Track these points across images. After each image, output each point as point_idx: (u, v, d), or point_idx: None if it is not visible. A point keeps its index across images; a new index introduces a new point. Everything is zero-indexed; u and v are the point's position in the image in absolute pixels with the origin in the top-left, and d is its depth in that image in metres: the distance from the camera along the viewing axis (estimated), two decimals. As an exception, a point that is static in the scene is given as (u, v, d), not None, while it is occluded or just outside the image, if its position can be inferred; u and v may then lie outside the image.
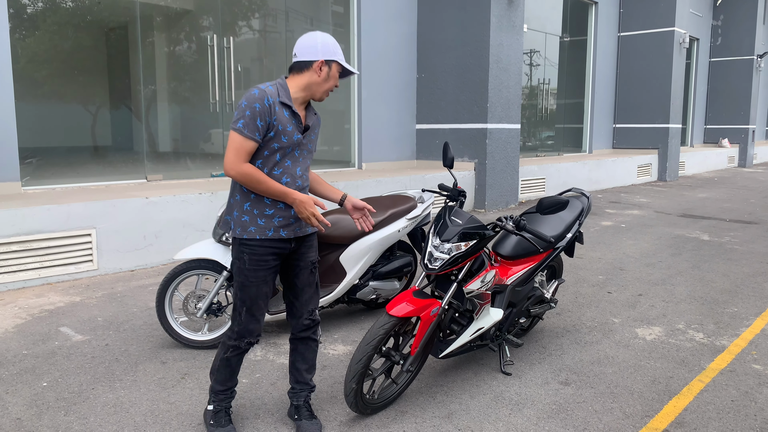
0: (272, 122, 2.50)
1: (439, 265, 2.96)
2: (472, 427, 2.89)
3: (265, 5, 8.41)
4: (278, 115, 2.51)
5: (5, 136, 5.92)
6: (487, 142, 9.42)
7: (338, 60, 2.60)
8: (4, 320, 4.28)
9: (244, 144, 2.47)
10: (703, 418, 3.00)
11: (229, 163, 2.48)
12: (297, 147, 2.62)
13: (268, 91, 2.49)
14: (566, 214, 3.80)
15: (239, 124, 2.46)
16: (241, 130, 2.46)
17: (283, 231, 2.63)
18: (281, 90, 2.55)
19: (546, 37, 12.83)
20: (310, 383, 2.89)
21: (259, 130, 2.48)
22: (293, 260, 2.76)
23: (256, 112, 2.46)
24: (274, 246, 2.63)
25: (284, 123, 2.53)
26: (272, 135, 2.52)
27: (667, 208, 10.10)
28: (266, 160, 2.56)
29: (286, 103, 2.54)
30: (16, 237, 4.99)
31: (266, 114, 2.47)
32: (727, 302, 4.88)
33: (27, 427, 2.83)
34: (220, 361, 2.73)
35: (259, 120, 2.46)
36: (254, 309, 2.66)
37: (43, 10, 6.42)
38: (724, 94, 19.30)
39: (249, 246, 2.60)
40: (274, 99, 2.50)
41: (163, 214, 5.89)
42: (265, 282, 2.64)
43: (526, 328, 4.00)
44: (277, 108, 2.51)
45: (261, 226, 2.59)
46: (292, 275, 2.77)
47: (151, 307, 4.60)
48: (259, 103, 2.46)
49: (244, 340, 2.69)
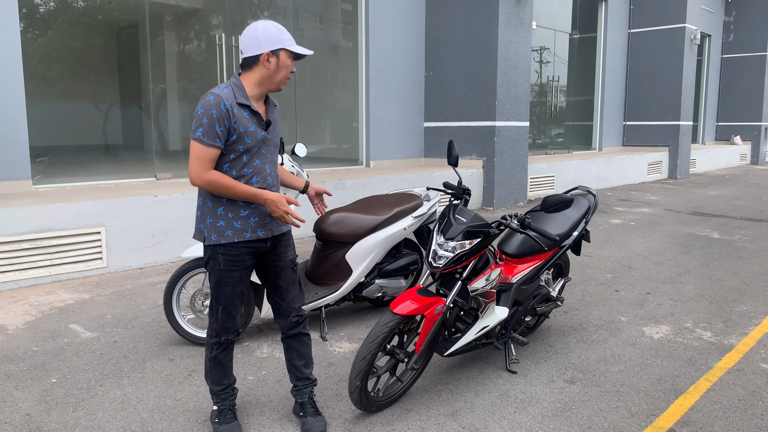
0: (232, 126, 2.46)
1: (443, 263, 2.96)
2: (476, 425, 2.89)
3: (274, 4, 8.44)
4: (237, 117, 2.47)
5: (17, 135, 5.99)
6: (496, 139, 9.39)
7: (284, 47, 2.52)
8: (14, 317, 4.34)
9: (205, 152, 2.44)
10: (710, 417, 2.99)
11: (194, 173, 2.46)
12: (263, 144, 2.59)
13: (223, 94, 2.45)
14: (572, 212, 3.79)
15: (198, 133, 2.43)
16: (201, 139, 2.43)
17: (260, 231, 2.62)
18: (237, 90, 2.50)
19: (555, 34, 12.77)
20: (311, 377, 2.91)
21: (219, 136, 2.44)
22: (272, 261, 2.75)
23: (213, 119, 2.42)
24: (250, 246, 2.62)
25: (245, 124, 2.49)
26: (235, 138, 2.48)
27: (677, 206, 10.03)
28: (234, 163, 2.53)
29: (244, 103, 2.50)
30: (27, 235, 5.05)
31: (224, 119, 2.43)
32: (736, 301, 4.84)
33: (36, 422, 2.87)
34: (208, 361, 2.75)
35: (218, 126, 2.43)
36: (230, 308, 2.66)
37: (54, 9, 6.48)
38: (737, 90, 19.12)
39: (225, 247, 2.58)
40: (230, 102, 2.46)
41: (172, 212, 5.93)
42: (240, 281, 2.65)
43: (532, 326, 3.99)
44: (235, 110, 2.46)
45: (238, 229, 2.57)
46: (275, 276, 2.76)
47: (159, 305, 4.64)
48: (216, 108, 2.42)
49: (222, 337, 2.70)
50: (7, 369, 3.46)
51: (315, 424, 2.79)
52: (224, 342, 2.71)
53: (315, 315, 4.43)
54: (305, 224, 7.23)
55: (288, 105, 8.77)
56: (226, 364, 2.76)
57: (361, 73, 9.57)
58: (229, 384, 2.80)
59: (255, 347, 3.82)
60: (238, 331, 2.75)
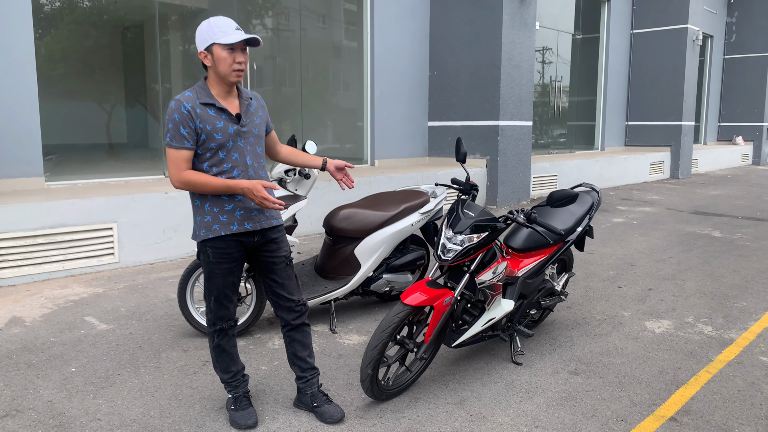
0: (198, 125, 2.56)
1: (452, 256, 3.06)
2: (483, 413, 2.99)
3: (279, 3, 8.54)
4: (202, 117, 2.56)
5: (29, 133, 6.10)
6: (499, 139, 9.49)
7: (215, 41, 2.53)
8: (32, 310, 4.44)
9: (177, 155, 2.56)
10: (710, 406, 3.08)
11: (171, 176, 2.59)
12: (238, 137, 2.65)
13: (183, 98, 2.56)
14: (577, 208, 3.89)
15: (167, 138, 2.57)
16: (170, 143, 2.56)
17: (247, 224, 2.69)
18: (201, 92, 2.60)
19: (558, 34, 12.85)
20: (315, 366, 3.01)
21: (185, 138, 2.55)
22: (266, 259, 2.81)
23: (177, 122, 2.53)
24: (237, 239, 2.69)
25: (211, 121, 2.58)
26: (204, 137, 2.58)
27: (679, 206, 10.12)
28: (212, 160, 2.62)
29: (208, 102, 2.59)
30: (42, 230, 5.15)
31: (187, 120, 2.54)
32: (737, 297, 4.93)
33: (59, 408, 2.97)
34: (213, 351, 2.85)
35: (182, 128, 2.54)
36: (221, 298, 2.75)
37: (60, 9, 6.58)
38: (739, 91, 19.19)
39: (213, 241, 2.67)
40: (192, 104, 2.56)
41: (182, 209, 6.03)
42: (230, 273, 2.72)
43: (537, 320, 4.09)
44: (198, 110, 2.56)
45: (224, 222, 2.65)
46: (270, 272, 2.82)
47: (171, 299, 4.74)
48: (177, 113, 2.54)
49: (218, 326, 2.79)
50: (27, 359, 3.56)
51: (335, 410, 2.88)
52: (221, 330, 2.80)
53: (324, 308, 4.53)
54: (314, 220, 7.33)
55: (293, 105, 8.87)
56: (230, 350, 2.85)
57: (365, 72, 9.67)
58: (238, 371, 2.89)
59: (267, 339, 3.92)
60: (232, 318, 2.82)
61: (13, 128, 6.01)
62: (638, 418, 2.95)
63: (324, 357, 3.65)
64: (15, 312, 4.39)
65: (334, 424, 2.85)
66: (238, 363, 2.90)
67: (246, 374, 2.96)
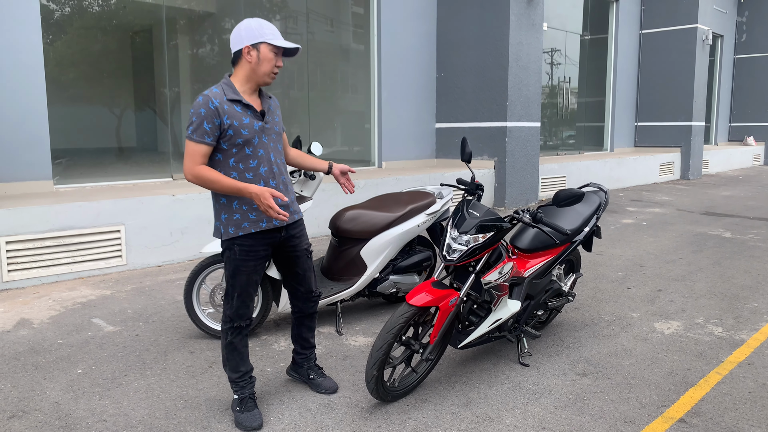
0: (224, 121, 2.60)
1: (457, 256, 3.04)
2: (490, 414, 2.96)
3: (286, 7, 8.56)
4: (229, 113, 2.61)
5: (38, 137, 6.14)
6: (507, 140, 9.45)
7: (265, 40, 2.62)
8: (39, 312, 4.47)
9: (196, 148, 2.59)
10: (720, 408, 3.04)
11: (186, 168, 2.61)
12: (263, 133, 2.73)
13: (211, 93, 2.60)
14: (584, 208, 3.86)
15: (189, 131, 2.60)
16: (191, 137, 2.59)
17: (275, 220, 2.75)
18: (227, 88, 2.65)
19: (566, 35, 12.80)
20: (314, 345, 3.25)
21: (208, 133, 2.58)
22: (289, 251, 2.92)
23: (202, 117, 2.57)
24: (266, 237, 2.77)
25: (238, 117, 2.63)
26: (231, 133, 2.62)
27: (690, 206, 10.03)
28: (237, 156, 2.67)
29: (235, 98, 2.64)
30: (50, 233, 5.19)
31: (213, 116, 2.57)
32: (748, 298, 4.87)
33: (65, 410, 2.98)
34: (225, 348, 2.87)
35: (206, 123, 2.57)
36: (244, 295, 2.79)
37: (70, 14, 6.63)
38: (750, 91, 19.02)
39: (241, 239, 2.72)
40: (219, 99, 2.60)
41: (189, 211, 6.05)
42: (255, 271, 2.78)
43: (544, 321, 4.06)
44: (225, 107, 2.60)
45: (254, 220, 2.71)
46: (293, 265, 2.96)
47: (178, 301, 4.75)
48: (204, 108, 2.57)
49: (236, 323, 2.83)
50: (34, 360, 3.58)
51: (329, 383, 3.15)
52: (237, 327, 2.84)
53: (330, 310, 4.52)
54: (321, 222, 7.33)
55: (301, 107, 8.89)
56: (242, 350, 2.88)
57: (373, 75, 9.68)
58: (246, 371, 2.90)
59: (273, 341, 3.92)
60: (250, 317, 2.88)
61: (23, 132, 6.06)
62: (647, 420, 2.92)
63: (330, 358, 3.64)
64: (23, 314, 4.42)
65: (328, 395, 3.11)
66: (248, 364, 2.92)
67: (253, 376, 2.97)
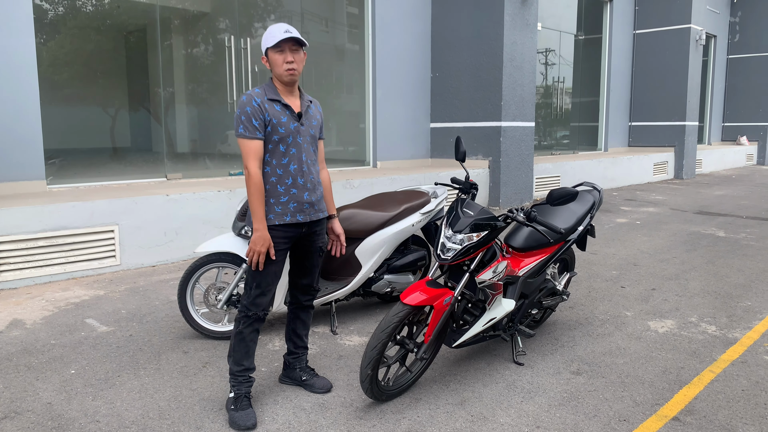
0: (266, 118, 2.80)
1: (451, 255, 3.04)
2: (484, 413, 2.96)
3: (281, 6, 8.55)
4: (270, 111, 2.81)
5: (31, 137, 6.11)
6: (501, 140, 9.46)
7: (267, 46, 2.81)
8: (32, 312, 4.44)
9: (251, 144, 2.78)
10: (713, 406, 3.05)
11: (249, 167, 2.78)
12: (298, 134, 2.89)
13: (254, 93, 2.81)
14: (578, 207, 3.86)
15: (240, 130, 2.79)
16: (244, 134, 2.78)
17: (299, 216, 2.91)
18: (268, 89, 2.85)
19: (561, 35, 12.83)
20: (307, 346, 3.27)
21: (257, 129, 2.78)
22: (305, 245, 3.05)
23: (249, 114, 2.76)
24: (288, 231, 2.90)
25: (277, 116, 2.82)
26: (270, 129, 2.82)
27: (683, 206, 10.07)
28: (272, 152, 2.85)
29: (274, 98, 2.83)
30: (43, 233, 5.16)
31: (258, 113, 2.78)
32: (741, 296, 4.89)
33: (57, 410, 2.96)
34: (234, 337, 2.93)
35: (254, 120, 2.77)
36: (263, 285, 2.89)
37: (63, 14, 6.60)
38: (743, 91, 19.11)
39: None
40: (261, 98, 2.80)
41: (183, 211, 6.03)
42: (275, 263, 2.89)
43: (538, 320, 4.06)
44: (267, 105, 2.80)
45: (278, 213, 2.87)
46: (303, 258, 3.08)
47: (172, 301, 4.73)
48: (249, 106, 2.77)
49: (251, 311, 2.89)
50: (27, 361, 3.56)
51: (323, 382, 3.17)
52: (252, 317, 2.90)
53: (325, 309, 4.52)
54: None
55: (296, 106, 8.85)
56: (250, 344, 2.93)
57: (367, 75, 9.67)
58: (248, 368, 2.94)
59: (267, 340, 3.91)
60: (266, 309, 2.92)
61: (15, 132, 6.02)
62: (641, 418, 2.92)
63: (324, 358, 3.63)
64: (16, 314, 4.39)
65: (322, 394, 3.13)
66: (252, 361, 2.96)
67: (253, 376, 3.02)
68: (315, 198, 2.98)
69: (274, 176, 2.86)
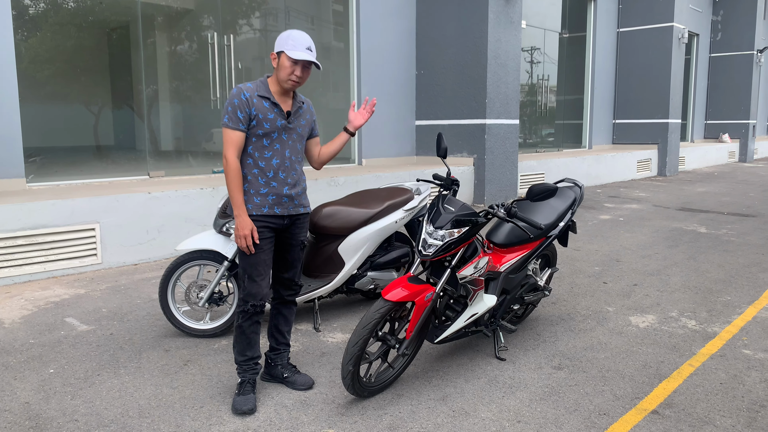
0: (252, 113, 2.86)
1: (432, 251, 3.05)
2: (466, 408, 2.97)
3: (265, 3, 8.50)
4: (257, 106, 2.87)
5: (10, 135, 6.02)
6: (486, 137, 9.49)
7: (285, 50, 2.84)
8: (11, 311, 4.38)
9: (232, 135, 2.85)
10: (692, 399, 3.08)
11: (227, 155, 2.86)
12: (283, 131, 2.96)
13: (245, 87, 2.88)
14: (558, 203, 3.88)
15: (224, 119, 2.87)
16: (227, 124, 2.86)
17: (277, 208, 2.97)
18: (260, 86, 2.92)
19: (545, 33, 12.89)
20: (289, 343, 3.28)
21: (241, 121, 2.85)
22: (286, 239, 3.10)
23: (236, 106, 2.84)
24: (268, 221, 2.96)
25: (264, 112, 2.88)
26: (254, 123, 2.88)
27: (666, 202, 10.17)
28: (255, 144, 2.92)
29: (264, 95, 2.89)
30: (22, 231, 5.09)
31: (244, 106, 2.84)
32: (721, 291, 4.95)
33: (35, 410, 2.93)
34: (235, 330, 3.02)
35: (239, 112, 2.84)
36: (254, 274, 2.94)
37: (45, 10, 6.51)
38: (725, 89, 19.32)
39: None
40: (250, 93, 2.87)
41: (166, 209, 5.98)
42: (262, 250, 2.94)
43: (521, 315, 4.08)
44: (254, 100, 2.87)
45: (257, 204, 2.94)
46: (285, 251, 3.13)
47: (154, 299, 4.70)
48: (237, 98, 2.85)
49: (249, 303, 2.94)
50: (4, 360, 3.51)
51: (305, 378, 3.18)
52: (249, 310, 2.95)
53: (308, 307, 4.50)
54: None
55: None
56: (250, 336, 3.01)
57: (352, 73, 9.65)
58: (252, 357, 3.03)
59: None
60: (263, 298, 2.96)
61: (-6, 129, 5.93)
62: (620, 412, 2.95)
63: (307, 355, 3.62)
64: (-6, 314, 4.33)
65: (304, 391, 3.13)
66: (255, 350, 3.05)
67: (259, 363, 3.09)
68: (295, 192, 3.02)
69: (256, 168, 2.92)
